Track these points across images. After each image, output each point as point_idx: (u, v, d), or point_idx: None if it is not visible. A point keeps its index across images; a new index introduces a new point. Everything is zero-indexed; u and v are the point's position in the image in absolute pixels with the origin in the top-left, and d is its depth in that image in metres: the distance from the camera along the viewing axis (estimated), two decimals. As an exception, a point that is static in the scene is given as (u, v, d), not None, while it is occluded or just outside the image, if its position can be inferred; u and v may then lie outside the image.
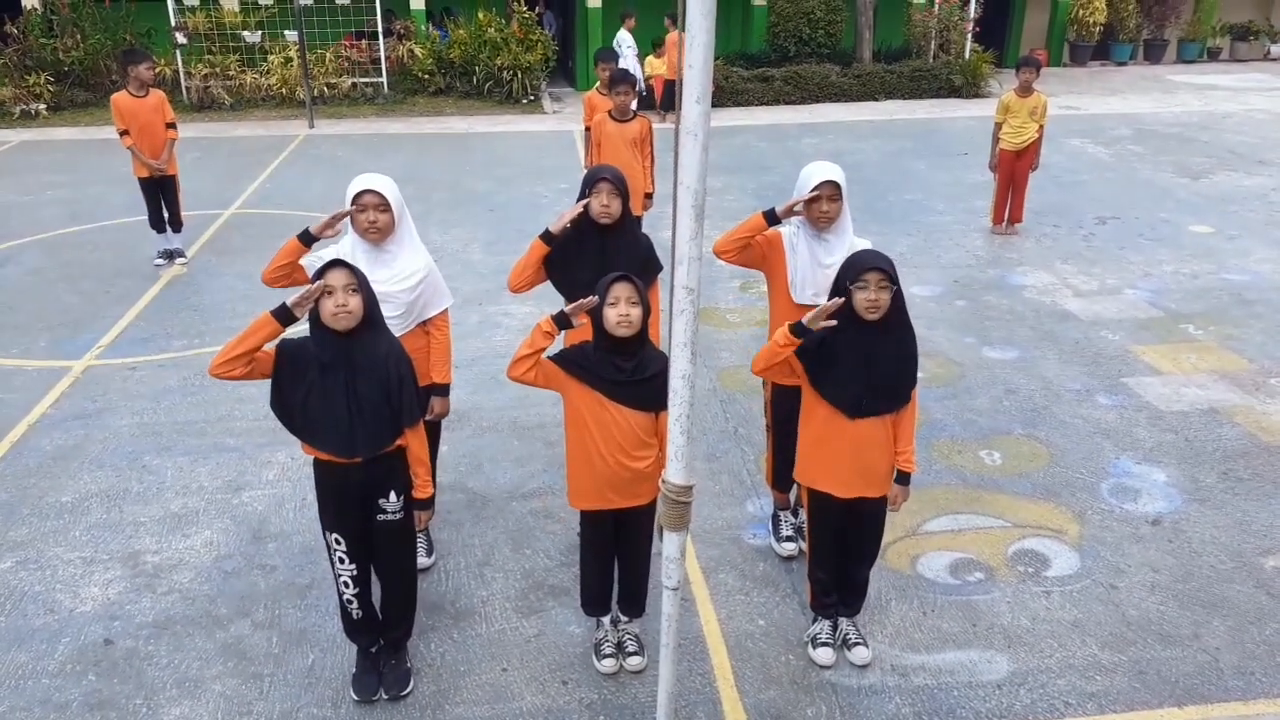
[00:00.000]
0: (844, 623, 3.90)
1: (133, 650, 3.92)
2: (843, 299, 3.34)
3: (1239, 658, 3.86)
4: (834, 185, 3.80)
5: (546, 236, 4.10)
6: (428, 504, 3.53)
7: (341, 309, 3.15)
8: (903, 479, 3.61)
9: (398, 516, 3.47)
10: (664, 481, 2.76)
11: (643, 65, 16.31)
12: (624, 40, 16.28)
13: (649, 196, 7.39)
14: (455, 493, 5.02)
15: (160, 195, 8.26)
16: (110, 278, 8.24)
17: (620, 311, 3.25)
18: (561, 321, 3.36)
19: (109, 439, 5.55)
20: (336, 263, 3.17)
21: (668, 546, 2.87)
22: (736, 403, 5.93)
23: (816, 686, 3.72)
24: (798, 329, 3.37)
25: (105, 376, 6.36)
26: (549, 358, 3.45)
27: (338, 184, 4.05)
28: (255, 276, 8.13)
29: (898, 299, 3.37)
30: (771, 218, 3.95)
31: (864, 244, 3.81)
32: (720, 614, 4.13)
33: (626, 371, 3.34)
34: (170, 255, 8.56)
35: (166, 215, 8.36)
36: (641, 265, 3.99)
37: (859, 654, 3.81)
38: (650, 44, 16.80)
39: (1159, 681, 3.74)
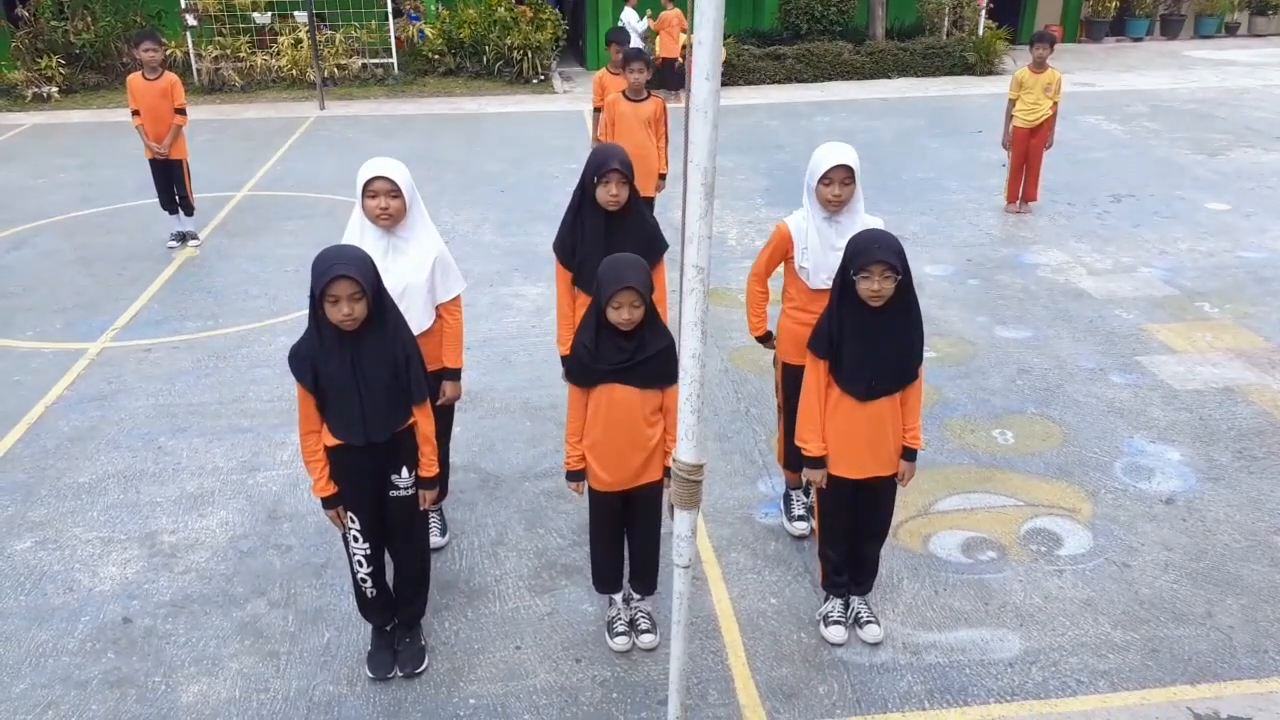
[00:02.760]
0: (855, 601, 3.91)
1: (151, 629, 3.96)
2: (823, 470, 3.59)
3: (1253, 636, 3.85)
4: (846, 169, 3.72)
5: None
6: (434, 483, 3.54)
7: (347, 318, 3.14)
8: (910, 455, 3.61)
9: (410, 491, 3.49)
10: (675, 460, 2.77)
11: (651, 44, 16.23)
12: (629, 19, 16.20)
13: (663, 177, 7.36)
14: (468, 473, 5.04)
15: (168, 178, 8.29)
16: (124, 260, 8.28)
17: (624, 316, 3.29)
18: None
19: (125, 420, 5.60)
20: (340, 276, 3.08)
21: (679, 525, 2.87)
22: (748, 383, 5.93)
23: (828, 664, 3.74)
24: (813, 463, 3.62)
25: (120, 358, 6.40)
26: (569, 381, 3.57)
27: (349, 166, 4.05)
28: (268, 259, 8.22)
29: (904, 281, 3.35)
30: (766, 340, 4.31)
31: (875, 222, 3.78)
32: (732, 592, 4.14)
33: (628, 351, 3.36)
34: (183, 237, 8.59)
35: (176, 197, 8.39)
36: (646, 246, 3.98)
37: (871, 632, 3.82)
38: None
39: (1172, 660, 3.74)
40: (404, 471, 3.45)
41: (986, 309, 7.04)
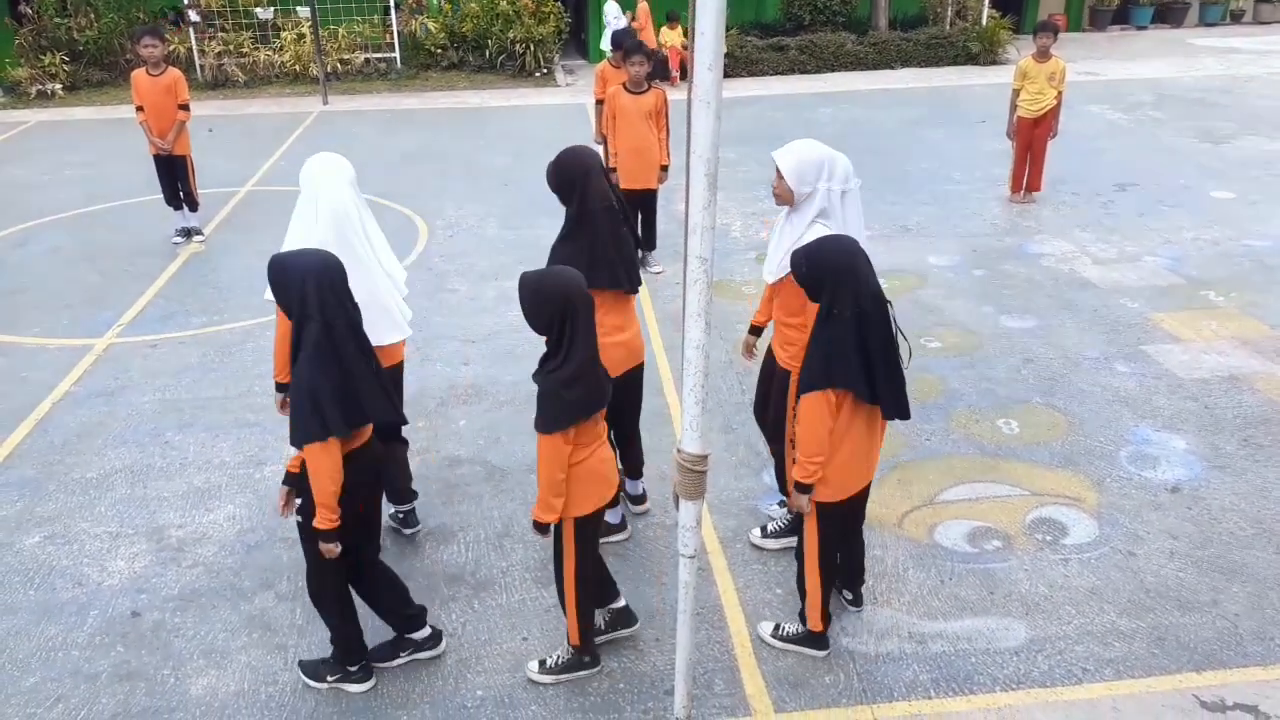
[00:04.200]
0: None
1: (159, 622, 3.99)
2: None
3: (1259, 623, 3.85)
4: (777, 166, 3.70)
5: None
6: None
7: None
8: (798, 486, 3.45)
9: (298, 519, 3.35)
10: (679, 450, 2.78)
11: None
12: (611, 11, 16.21)
13: (665, 169, 7.37)
14: (474, 466, 5.05)
15: (172, 174, 8.30)
16: (129, 256, 8.29)
17: None
18: None
19: (132, 415, 5.62)
20: None
21: (684, 515, 2.88)
22: (752, 375, 5.91)
23: (834, 654, 3.75)
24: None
25: (127, 354, 6.42)
26: None
27: (353, 160, 4.04)
28: (272, 253, 8.20)
29: (817, 299, 3.28)
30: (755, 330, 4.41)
31: (819, 232, 3.63)
32: (738, 583, 4.15)
33: None
34: (188, 233, 8.61)
35: (181, 193, 8.40)
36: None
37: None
38: (665, 15, 16.66)
39: (1177, 647, 3.74)
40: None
41: (991, 299, 7.03)
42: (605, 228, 3.90)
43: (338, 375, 3.09)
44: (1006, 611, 3.95)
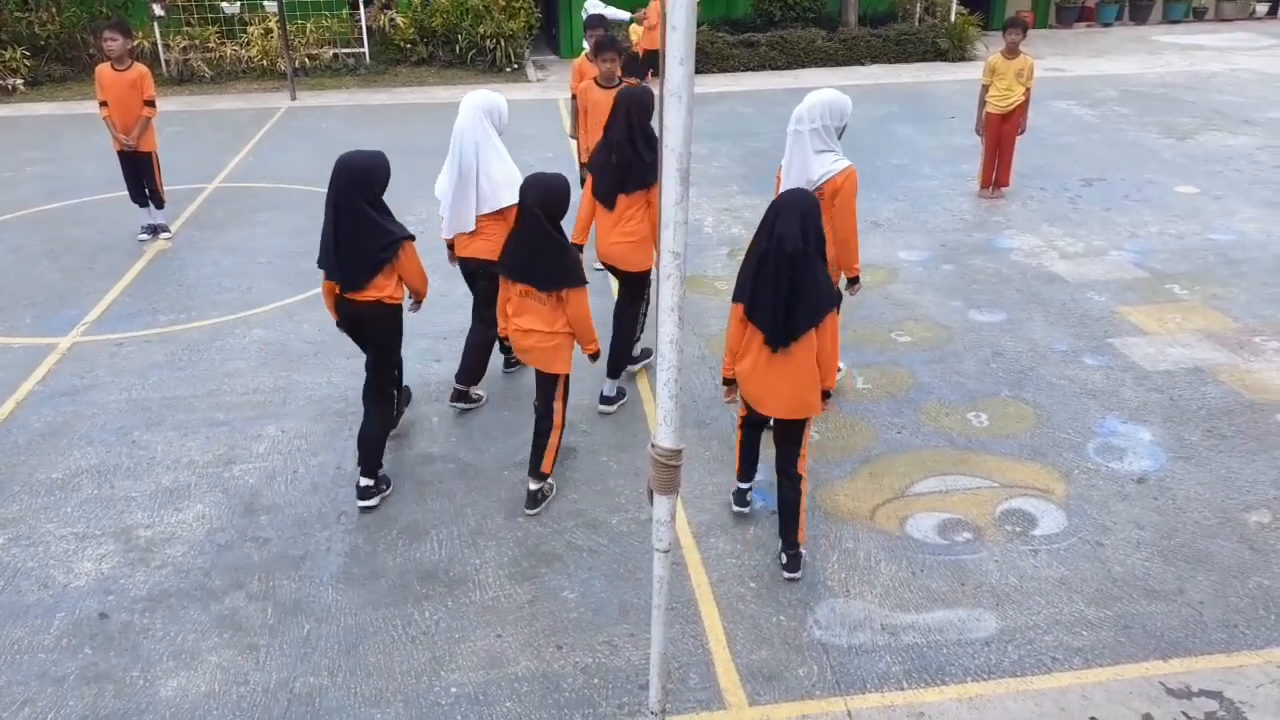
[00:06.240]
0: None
1: (128, 624, 3.94)
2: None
3: (1223, 611, 3.92)
4: None
5: None
6: None
7: None
8: None
9: None
10: (653, 445, 2.78)
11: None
12: (590, 8, 16.16)
13: (635, 164, 7.35)
14: (447, 463, 5.03)
15: (137, 171, 8.18)
16: (94, 254, 8.17)
17: None
18: None
19: (98, 415, 5.54)
20: None
21: (657, 509, 2.88)
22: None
23: (808, 646, 3.77)
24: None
25: (92, 353, 6.33)
26: None
27: (321, 156, 4.03)
28: (240, 251, 8.15)
29: None
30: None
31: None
32: (712, 577, 4.17)
33: None
34: (154, 230, 8.49)
35: (146, 191, 8.29)
36: None
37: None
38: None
39: (1144, 635, 3.80)
40: None
41: (960, 293, 7.09)
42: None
43: (324, 235, 4.41)
44: (977, 602, 4.00)
